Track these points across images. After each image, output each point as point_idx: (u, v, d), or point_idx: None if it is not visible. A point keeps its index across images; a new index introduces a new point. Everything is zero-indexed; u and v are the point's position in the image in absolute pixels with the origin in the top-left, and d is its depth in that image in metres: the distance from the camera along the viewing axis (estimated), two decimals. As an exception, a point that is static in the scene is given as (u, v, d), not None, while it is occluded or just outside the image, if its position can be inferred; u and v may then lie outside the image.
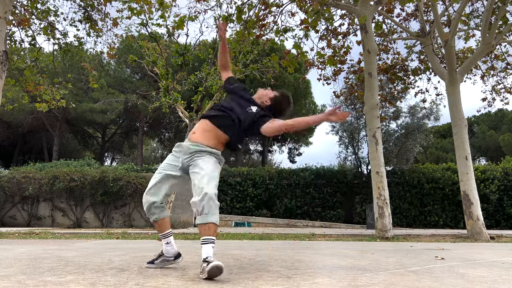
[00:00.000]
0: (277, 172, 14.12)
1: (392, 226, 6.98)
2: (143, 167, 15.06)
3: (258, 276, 2.25)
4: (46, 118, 22.13)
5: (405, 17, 10.34)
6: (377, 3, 7.67)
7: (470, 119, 31.67)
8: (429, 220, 13.06)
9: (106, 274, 2.28)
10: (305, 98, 20.95)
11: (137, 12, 8.09)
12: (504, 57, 10.71)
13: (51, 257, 3.26)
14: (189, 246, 4.63)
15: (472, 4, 9.77)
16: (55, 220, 12.23)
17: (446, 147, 27.46)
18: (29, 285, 1.92)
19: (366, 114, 7.44)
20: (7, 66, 6.72)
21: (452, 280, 2.17)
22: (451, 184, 13.08)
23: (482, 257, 3.52)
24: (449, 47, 7.77)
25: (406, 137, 13.70)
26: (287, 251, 4.01)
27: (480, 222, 7.18)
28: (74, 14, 8.74)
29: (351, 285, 1.98)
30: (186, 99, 13.05)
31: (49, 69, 14.24)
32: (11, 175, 12.39)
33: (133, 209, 12.27)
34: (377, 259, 3.28)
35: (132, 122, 26.92)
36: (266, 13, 8.79)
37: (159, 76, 9.70)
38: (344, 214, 13.49)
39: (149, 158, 39.08)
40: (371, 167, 7.24)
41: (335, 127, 15.03)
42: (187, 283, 2.00)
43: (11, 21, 6.93)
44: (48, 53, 11.97)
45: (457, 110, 7.81)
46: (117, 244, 5.07)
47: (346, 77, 11.26)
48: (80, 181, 11.92)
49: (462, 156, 7.61)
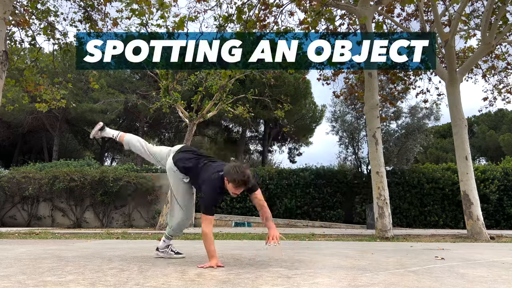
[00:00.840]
0: (277, 172, 14.11)
1: (392, 226, 6.98)
2: (143, 167, 15.06)
3: (258, 276, 2.25)
4: (46, 118, 22.13)
5: (405, 17, 10.34)
6: (377, 3, 7.67)
7: (470, 119, 31.65)
8: (429, 220, 13.05)
9: (106, 274, 2.28)
10: (305, 98, 20.92)
11: (138, 13, 8.09)
12: (505, 57, 10.71)
13: (51, 257, 3.26)
14: (189, 246, 4.63)
15: (472, 4, 9.77)
16: (55, 220, 12.23)
17: (446, 147, 27.45)
18: (29, 285, 1.92)
19: (366, 114, 7.44)
20: (7, 66, 6.72)
21: (452, 280, 2.17)
22: (451, 184, 13.07)
23: (482, 257, 3.52)
24: (449, 47, 7.77)
25: (406, 137, 13.69)
26: (287, 251, 4.01)
27: (480, 222, 7.18)
28: (74, 14, 8.74)
29: (351, 285, 1.98)
30: (186, 99, 13.04)
31: (49, 69, 14.22)
32: (11, 175, 12.39)
33: (133, 209, 12.27)
34: (377, 259, 3.28)
35: (132, 122, 26.91)
36: (266, 13, 8.78)
37: (159, 76, 9.70)
38: (344, 214, 13.48)
39: (149, 158, 38.98)
40: (371, 167, 7.24)
41: (335, 127, 15.02)
42: (187, 283, 2.00)
43: (10, 22, 6.93)
44: (48, 53, 11.97)
45: (457, 110, 7.81)
46: (117, 244, 5.07)
47: (346, 77, 11.26)
48: (80, 181, 11.92)
49: (462, 156, 7.61)
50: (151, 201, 12.13)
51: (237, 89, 15.20)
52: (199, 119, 10.26)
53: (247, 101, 13.33)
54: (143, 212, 12.24)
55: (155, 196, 12.18)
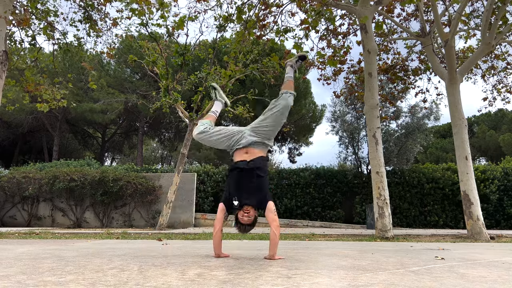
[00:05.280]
0: (277, 172, 14.12)
1: (392, 226, 6.97)
2: (143, 167, 15.06)
3: (258, 276, 2.25)
4: (46, 118, 22.13)
5: (405, 17, 10.34)
6: (377, 3, 7.66)
7: (470, 119, 31.67)
8: (429, 220, 13.05)
9: (106, 274, 2.28)
10: (305, 98, 20.92)
11: (138, 12, 8.09)
12: (504, 57, 10.72)
13: (51, 257, 3.26)
14: (189, 246, 4.63)
15: (472, 4, 9.77)
16: (55, 220, 12.23)
17: (446, 147, 27.45)
18: (29, 285, 1.92)
19: (366, 114, 7.43)
20: (7, 66, 6.73)
21: (452, 280, 2.17)
22: (451, 184, 13.07)
23: (482, 257, 3.52)
24: (449, 47, 7.77)
25: (406, 137, 13.69)
26: (287, 251, 4.01)
27: (480, 222, 7.18)
28: (74, 14, 8.75)
29: (351, 285, 1.98)
30: (186, 99, 13.05)
31: (49, 69, 14.23)
32: (11, 175, 12.39)
33: (133, 209, 12.27)
34: (377, 259, 3.28)
35: (132, 122, 26.90)
36: (266, 13, 8.78)
37: (159, 76, 9.70)
38: (344, 214, 13.47)
39: (149, 158, 39.07)
40: (371, 167, 7.24)
41: (335, 127, 15.02)
42: (187, 283, 2.00)
43: (11, 21, 6.93)
44: (48, 53, 11.97)
45: (457, 110, 7.81)
46: (117, 244, 5.07)
47: (346, 77, 11.26)
48: (80, 181, 11.92)
49: (462, 156, 7.61)
50: (151, 201, 12.13)
51: (237, 89, 15.20)
52: (199, 119, 10.26)
53: (247, 101, 13.34)
54: (143, 212, 12.24)
55: (155, 196, 12.18)
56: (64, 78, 12.90)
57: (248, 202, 3.03)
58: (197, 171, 13.74)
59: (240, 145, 3.23)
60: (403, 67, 10.92)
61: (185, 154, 10.15)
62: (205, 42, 18.07)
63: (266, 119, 3.31)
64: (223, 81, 9.73)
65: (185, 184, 12.20)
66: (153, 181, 12.37)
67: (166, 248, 4.29)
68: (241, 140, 3.25)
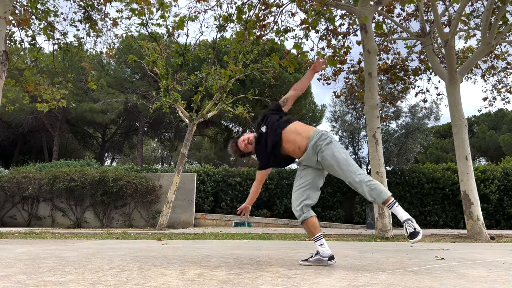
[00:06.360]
0: (277, 172, 14.12)
1: (392, 226, 6.98)
2: (143, 167, 15.06)
3: (258, 276, 2.25)
4: (46, 118, 22.13)
5: (405, 17, 10.34)
6: (377, 3, 7.67)
7: (470, 119, 31.69)
8: (429, 220, 13.05)
9: (106, 274, 2.28)
10: (305, 98, 20.94)
11: (138, 13, 8.09)
12: (504, 57, 10.72)
13: (51, 257, 3.26)
14: (189, 246, 4.63)
15: (472, 4, 9.77)
16: (55, 220, 12.23)
17: (446, 147, 27.46)
18: (29, 285, 1.92)
19: (366, 114, 7.43)
20: (7, 66, 6.73)
21: (452, 280, 2.17)
22: (451, 184, 13.07)
23: (482, 257, 3.52)
24: (449, 47, 7.77)
25: (406, 137, 13.69)
26: (287, 251, 4.01)
27: (480, 222, 7.18)
28: (74, 14, 8.74)
29: (351, 285, 1.98)
30: (186, 99, 13.06)
31: (49, 69, 14.24)
32: (11, 175, 12.39)
33: (133, 209, 12.27)
34: (377, 259, 3.28)
35: (132, 122, 26.92)
36: (266, 13, 8.78)
37: (159, 76, 9.70)
38: (344, 214, 13.48)
39: (149, 158, 39.10)
40: (371, 167, 7.24)
41: (335, 127, 15.03)
42: (187, 283, 2.00)
43: (11, 21, 6.93)
44: (48, 53, 11.97)
45: (457, 110, 7.81)
46: (117, 244, 5.07)
47: (346, 77, 11.27)
48: (80, 181, 11.92)
49: (462, 156, 7.61)
50: (151, 201, 12.13)
51: (237, 89, 15.21)
52: (199, 119, 10.27)
53: (247, 101, 13.35)
54: (143, 212, 12.24)
55: (155, 196, 12.18)
56: (64, 78, 12.91)
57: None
58: (197, 171, 13.74)
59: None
60: (403, 67, 10.92)
61: (185, 154, 10.15)
62: (205, 42, 18.08)
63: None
64: (223, 81, 9.73)
65: (185, 184, 12.20)
66: (153, 181, 12.37)
67: (166, 248, 4.29)
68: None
